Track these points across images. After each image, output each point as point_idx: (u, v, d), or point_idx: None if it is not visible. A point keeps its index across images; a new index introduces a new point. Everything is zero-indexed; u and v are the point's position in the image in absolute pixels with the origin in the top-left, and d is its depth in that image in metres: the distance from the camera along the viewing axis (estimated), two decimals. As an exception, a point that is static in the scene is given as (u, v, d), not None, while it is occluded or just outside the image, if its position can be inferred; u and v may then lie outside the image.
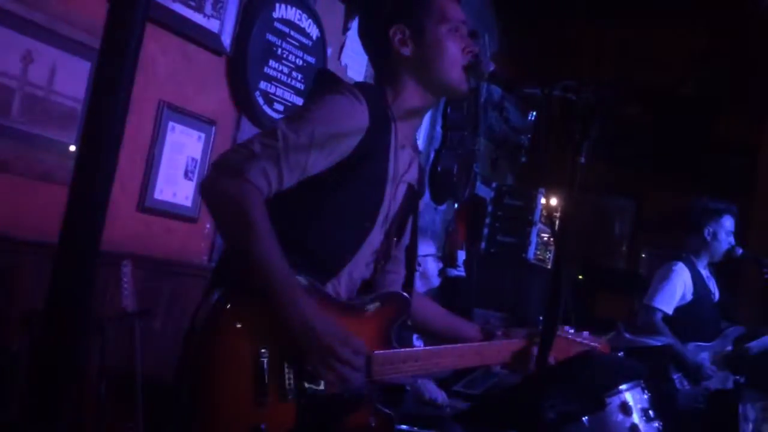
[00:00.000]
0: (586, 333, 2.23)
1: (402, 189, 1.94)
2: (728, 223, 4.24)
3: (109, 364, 2.75)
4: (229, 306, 1.66)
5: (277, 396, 1.66)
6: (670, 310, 4.08)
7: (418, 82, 1.91)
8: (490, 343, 2.04)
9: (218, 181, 1.66)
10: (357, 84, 1.86)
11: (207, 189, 1.68)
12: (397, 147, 1.88)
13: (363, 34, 2.01)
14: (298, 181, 1.72)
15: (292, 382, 1.68)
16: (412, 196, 2.00)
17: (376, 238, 1.89)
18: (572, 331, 2.19)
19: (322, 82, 1.91)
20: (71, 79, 2.69)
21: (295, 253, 1.68)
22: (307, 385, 1.70)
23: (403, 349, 1.88)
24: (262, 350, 1.65)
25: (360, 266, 1.89)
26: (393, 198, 1.90)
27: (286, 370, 1.68)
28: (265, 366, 1.65)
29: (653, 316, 4.06)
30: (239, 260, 1.70)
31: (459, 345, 2.00)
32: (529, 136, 6.36)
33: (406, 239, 2.06)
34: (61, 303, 0.98)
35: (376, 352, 1.80)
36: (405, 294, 1.93)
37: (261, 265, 1.63)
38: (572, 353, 2.16)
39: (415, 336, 2.83)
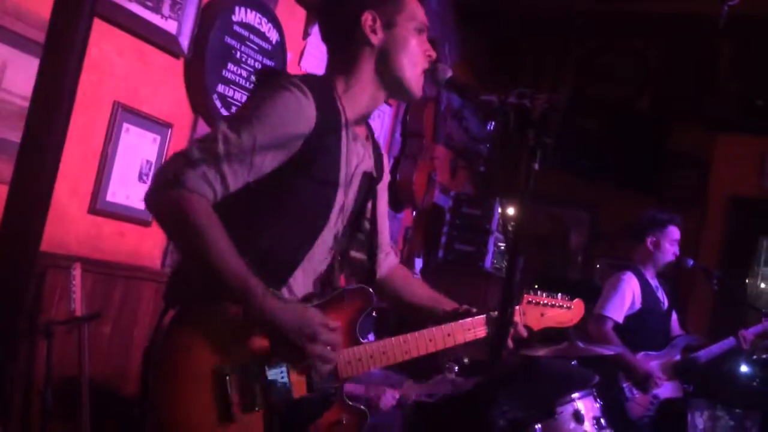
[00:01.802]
0: (559, 295, 2.23)
1: (356, 181, 1.91)
2: (673, 232, 4.31)
3: (56, 370, 2.69)
4: (183, 326, 1.66)
5: (241, 408, 1.65)
6: (620, 319, 4.13)
7: (375, 73, 1.88)
8: (459, 323, 2.00)
9: (158, 193, 1.63)
10: (303, 76, 1.82)
11: (149, 203, 1.65)
12: (349, 140, 1.85)
13: (332, 14, 1.95)
14: (245, 183, 1.69)
15: (256, 391, 1.67)
16: (370, 183, 1.97)
17: (329, 234, 1.87)
18: (544, 295, 2.18)
19: (265, 80, 1.86)
20: (22, 77, 2.63)
21: (246, 256, 1.65)
22: (273, 392, 1.68)
23: (369, 343, 1.86)
24: (222, 365, 1.64)
25: (314, 263, 1.86)
26: (347, 191, 1.87)
27: (250, 380, 1.67)
28: (227, 380, 1.64)
29: (604, 325, 4.10)
30: (190, 272, 1.69)
31: (427, 329, 1.96)
32: (487, 145, 6.41)
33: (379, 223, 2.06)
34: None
35: (342, 349, 1.79)
36: (367, 287, 1.90)
37: (219, 268, 1.60)
38: (543, 323, 2.15)
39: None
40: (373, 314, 1.93)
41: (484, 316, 2.02)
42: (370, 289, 1.89)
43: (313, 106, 1.74)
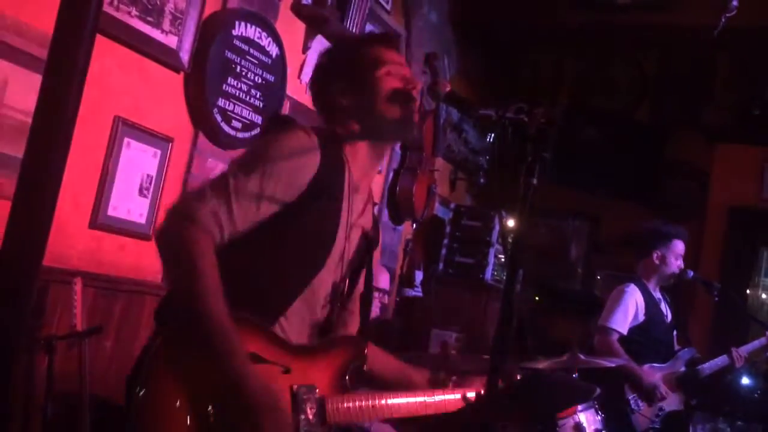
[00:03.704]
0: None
1: (356, 233, 1.95)
2: (678, 247, 4.31)
3: (57, 384, 2.68)
4: (166, 353, 1.63)
5: None
6: (624, 331, 4.13)
7: (363, 131, 1.92)
8: (445, 393, 2.00)
9: (169, 226, 1.66)
10: (310, 126, 1.88)
11: (159, 235, 1.67)
12: (351, 190, 1.89)
13: (312, 96, 2.05)
14: (253, 222, 1.72)
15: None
16: (367, 242, 2.01)
17: (328, 278, 1.88)
18: None
19: (274, 124, 1.94)
20: (22, 92, 2.64)
21: (243, 289, 1.66)
22: None
23: (358, 394, 1.85)
24: (197, 404, 1.60)
25: (312, 308, 1.88)
26: (347, 240, 1.90)
27: (231, 416, 1.63)
28: (209, 412, 1.60)
29: (609, 337, 4.10)
30: (179, 304, 1.69)
31: (419, 392, 1.96)
32: (487, 157, 6.42)
33: (360, 286, 2.06)
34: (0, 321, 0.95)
35: (331, 396, 1.78)
36: (360, 338, 1.92)
37: (202, 314, 1.58)
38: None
39: None
40: (365, 368, 1.91)
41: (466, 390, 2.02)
42: (362, 340, 1.90)
43: (317, 147, 1.79)
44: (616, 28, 5.88)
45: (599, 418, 3.17)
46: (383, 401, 1.87)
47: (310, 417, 1.73)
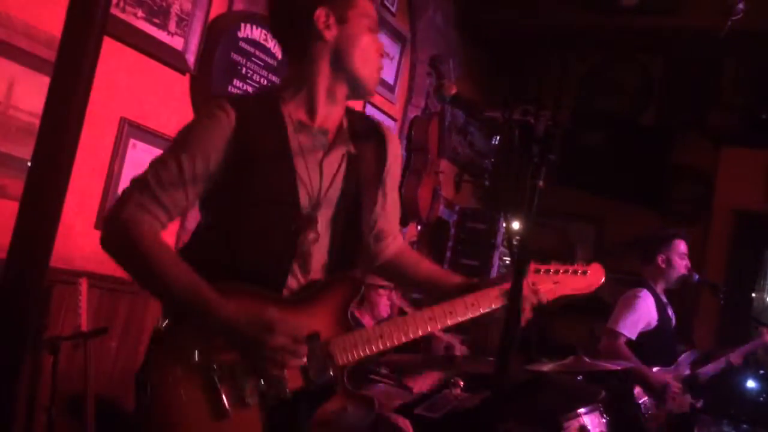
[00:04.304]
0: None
1: (334, 161, 1.87)
2: (681, 246, 4.31)
3: (62, 385, 2.69)
4: (174, 332, 1.70)
5: (236, 405, 1.66)
6: (633, 336, 4.12)
7: (330, 68, 1.87)
8: (461, 299, 1.93)
9: (105, 233, 1.71)
10: (237, 95, 1.88)
11: (102, 243, 1.71)
12: (295, 128, 1.83)
13: (285, 10, 1.93)
14: (189, 203, 1.75)
15: (248, 387, 1.68)
16: (350, 162, 1.91)
17: (314, 237, 1.83)
18: (553, 262, 2.06)
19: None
20: (30, 93, 2.65)
21: (237, 270, 1.71)
22: (265, 385, 1.68)
23: (363, 329, 1.84)
24: (210, 365, 1.67)
25: (313, 266, 1.84)
26: (319, 174, 1.84)
27: (240, 377, 1.68)
28: (216, 379, 1.66)
29: (616, 341, 4.09)
30: (151, 292, 1.75)
31: (425, 309, 1.90)
32: (492, 159, 6.42)
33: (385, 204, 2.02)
34: (6, 321, 0.96)
35: (335, 337, 1.78)
36: (352, 274, 1.87)
37: (167, 287, 1.67)
38: (559, 291, 2.04)
39: None
40: (362, 300, 1.89)
41: (491, 289, 1.95)
42: (357, 275, 1.87)
43: (231, 114, 1.76)
44: (622, 31, 5.88)
45: (604, 420, 3.16)
46: (389, 327, 1.85)
47: (319, 363, 1.74)
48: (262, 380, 1.69)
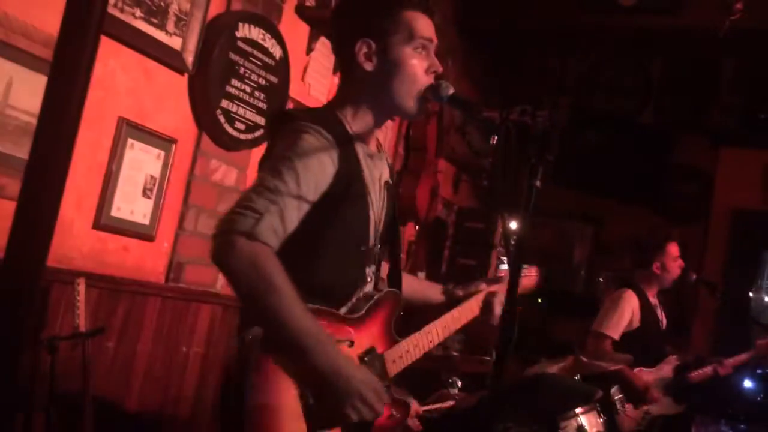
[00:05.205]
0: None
1: (383, 195, 1.99)
2: (673, 249, 4.34)
3: (59, 385, 2.68)
4: (265, 347, 1.70)
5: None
6: (617, 336, 4.17)
7: (371, 98, 1.93)
8: (462, 306, 2.25)
9: (232, 246, 1.64)
10: (310, 115, 1.88)
11: (223, 255, 1.66)
12: (365, 159, 1.92)
13: (335, 44, 2.07)
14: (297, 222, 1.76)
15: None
16: (390, 191, 2.05)
17: (374, 251, 1.98)
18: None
19: (282, 123, 1.91)
20: (27, 93, 2.65)
21: (306, 291, 1.70)
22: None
23: (404, 341, 1.99)
24: (306, 396, 1.71)
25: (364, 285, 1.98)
26: (379, 208, 1.96)
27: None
28: (309, 401, 1.71)
29: (602, 342, 4.14)
30: (264, 319, 1.72)
31: (441, 319, 2.15)
32: (490, 159, 6.43)
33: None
34: (4, 321, 0.96)
35: (386, 351, 1.90)
36: (394, 290, 2.02)
37: (290, 328, 1.65)
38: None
39: None
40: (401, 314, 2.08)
41: (469, 301, 2.29)
42: (397, 291, 2.02)
43: (332, 142, 1.81)
44: (620, 30, 5.88)
45: (601, 420, 3.17)
46: (420, 338, 2.04)
47: (379, 377, 1.83)
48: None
